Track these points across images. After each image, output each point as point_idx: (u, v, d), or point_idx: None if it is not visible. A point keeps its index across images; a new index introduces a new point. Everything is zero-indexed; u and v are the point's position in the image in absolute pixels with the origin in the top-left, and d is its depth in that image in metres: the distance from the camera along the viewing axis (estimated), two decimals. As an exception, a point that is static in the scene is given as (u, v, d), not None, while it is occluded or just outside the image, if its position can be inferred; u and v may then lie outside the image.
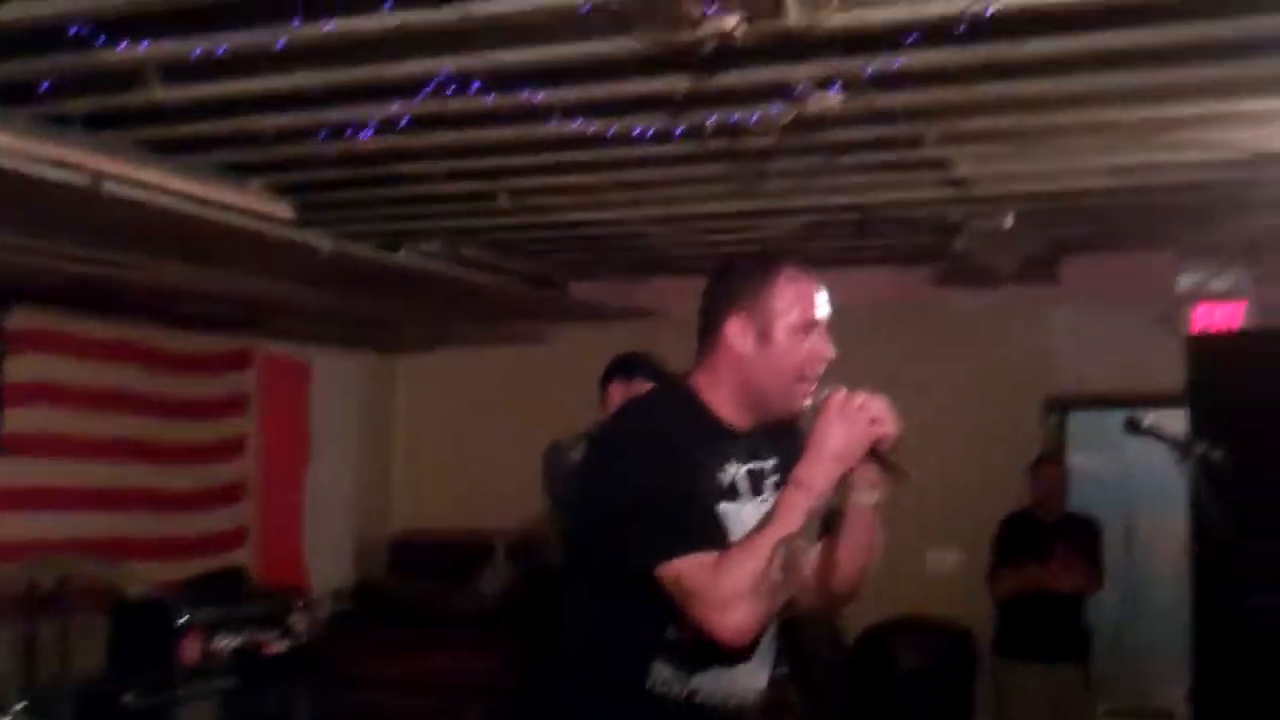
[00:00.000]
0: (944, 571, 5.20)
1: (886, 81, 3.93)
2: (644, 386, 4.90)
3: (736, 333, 2.71)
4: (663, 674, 2.61)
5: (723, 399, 2.75)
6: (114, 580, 5.87)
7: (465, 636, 6.66)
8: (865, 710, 7.03)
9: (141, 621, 5.14)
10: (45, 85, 3.81)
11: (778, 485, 2.72)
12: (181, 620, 5.01)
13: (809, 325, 2.74)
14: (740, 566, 2.43)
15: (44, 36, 3.46)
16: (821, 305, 2.77)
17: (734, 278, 2.79)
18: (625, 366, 5.01)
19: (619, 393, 4.97)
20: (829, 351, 2.77)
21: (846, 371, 6.24)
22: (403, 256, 6.08)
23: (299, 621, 5.50)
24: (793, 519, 2.48)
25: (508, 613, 7.49)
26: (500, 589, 7.83)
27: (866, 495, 2.73)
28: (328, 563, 8.26)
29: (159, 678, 4.82)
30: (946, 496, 7.11)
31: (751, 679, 2.74)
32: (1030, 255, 6.26)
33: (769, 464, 2.78)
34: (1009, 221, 5.71)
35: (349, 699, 7.16)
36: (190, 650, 5.00)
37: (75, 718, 4.83)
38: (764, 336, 2.71)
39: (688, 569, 2.45)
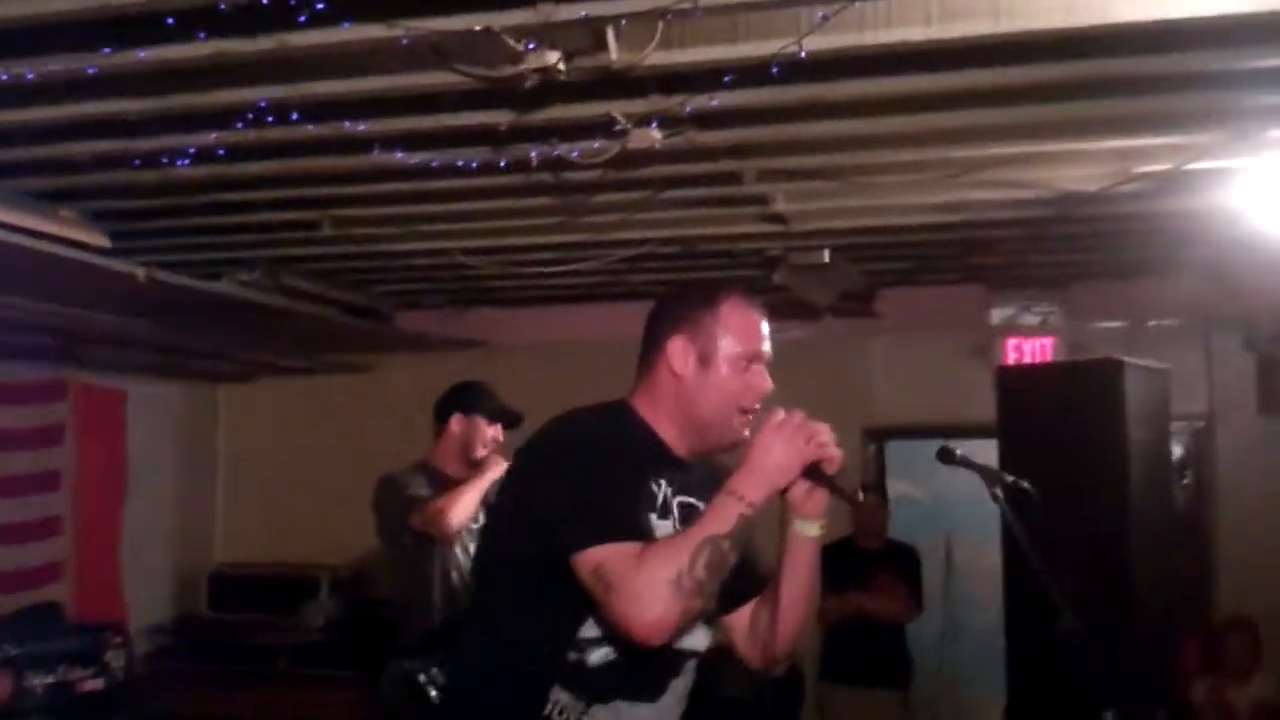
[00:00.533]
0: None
1: (706, 119, 4.02)
2: (482, 423, 4.88)
3: (677, 352, 2.67)
4: (561, 700, 2.54)
5: (661, 420, 2.71)
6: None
7: (288, 671, 6.54)
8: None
9: (-52, 660, 4.97)
10: None
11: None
12: (-10, 658, 4.86)
13: (750, 357, 2.69)
14: (663, 560, 2.38)
15: None
16: (764, 339, 2.73)
17: (680, 301, 2.75)
18: (465, 398, 4.94)
19: (459, 425, 4.91)
20: (768, 386, 2.71)
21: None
22: (223, 285, 5.99)
23: (115, 658, 5.36)
24: (720, 522, 2.44)
25: (333, 646, 7.41)
26: (325, 622, 7.72)
27: (809, 527, 2.68)
28: (147, 597, 8.05)
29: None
30: (768, 524, 7.21)
31: None
32: (848, 289, 6.42)
33: (700, 505, 2.67)
34: (826, 256, 5.85)
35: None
36: (1, 688, 4.84)
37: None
38: (705, 361, 2.67)
39: (610, 557, 2.39)
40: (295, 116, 3.86)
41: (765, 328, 2.73)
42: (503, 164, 4.37)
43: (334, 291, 6.84)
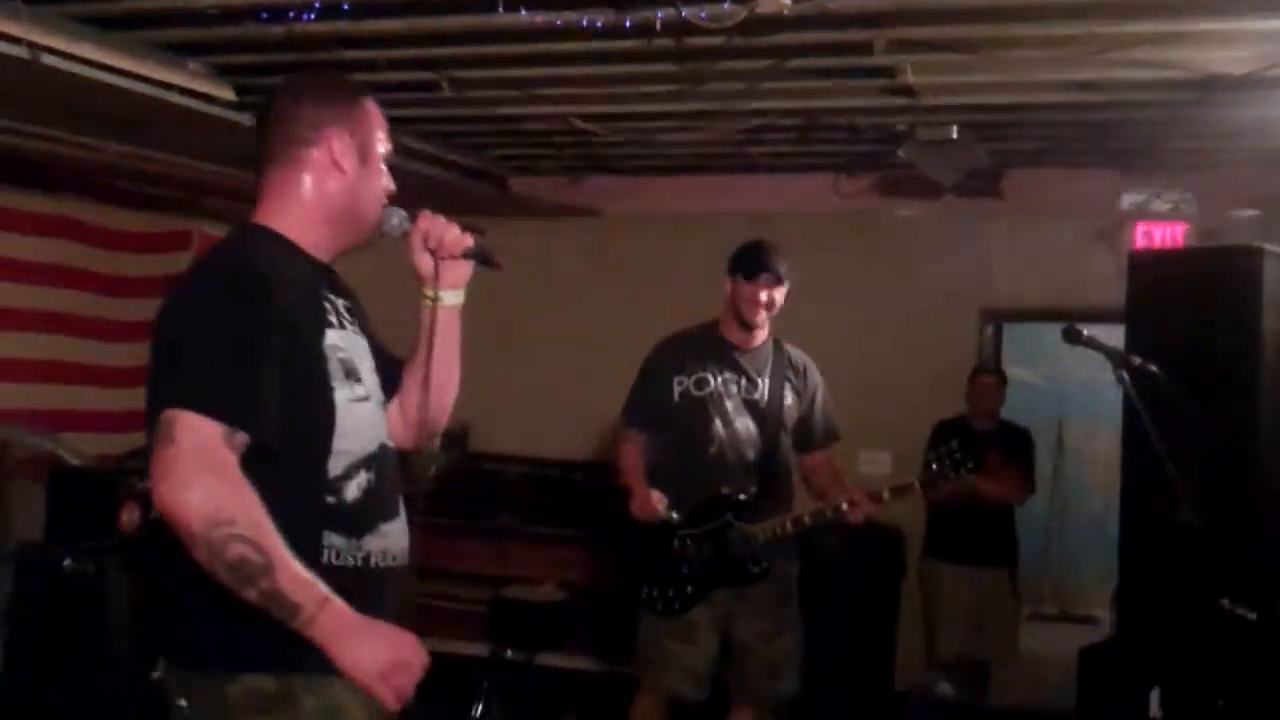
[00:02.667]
0: (876, 473, 5.28)
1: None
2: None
3: (342, 150, 2.64)
4: (335, 544, 2.49)
5: (305, 226, 2.67)
6: (53, 449, 5.87)
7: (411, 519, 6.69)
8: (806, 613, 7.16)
9: (80, 490, 5.15)
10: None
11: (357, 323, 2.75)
12: (119, 490, 5.01)
13: (386, 155, 2.75)
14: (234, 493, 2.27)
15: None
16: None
17: (322, 95, 2.70)
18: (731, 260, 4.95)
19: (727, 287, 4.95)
20: (391, 184, 2.79)
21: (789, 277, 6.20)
22: (342, 143, 6.01)
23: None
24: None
25: (440, 495, 7.53)
26: (434, 473, 7.84)
27: (452, 295, 2.92)
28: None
29: (96, 545, 4.83)
30: (880, 401, 7.21)
31: (405, 535, 2.69)
32: (973, 167, 6.29)
33: (343, 302, 2.73)
34: (954, 133, 5.73)
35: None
36: (128, 519, 5.00)
37: (14, 580, 4.86)
38: (364, 156, 2.68)
39: (191, 427, 2.28)
40: (421, -28, 3.83)
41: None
42: (626, 25, 4.30)
43: (450, 154, 6.85)
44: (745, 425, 4.95)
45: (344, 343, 2.62)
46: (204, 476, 2.27)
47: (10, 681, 4.78)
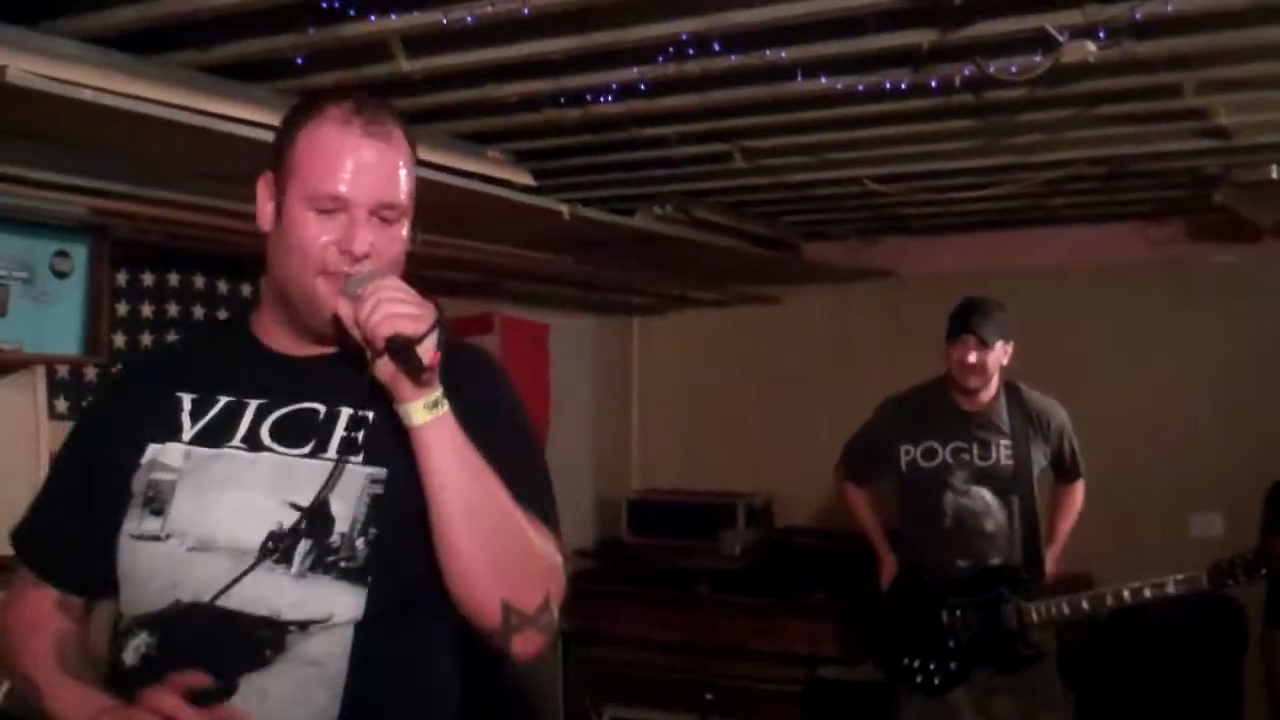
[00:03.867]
0: (1210, 536, 4.99)
1: (1144, 29, 3.75)
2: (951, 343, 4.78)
3: (261, 198, 2.04)
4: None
5: (265, 305, 2.12)
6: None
7: (709, 596, 6.69)
8: (1120, 682, 6.81)
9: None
10: (299, 60, 3.90)
11: (353, 442, 2.01)
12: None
13: (325, 198, 1.95)
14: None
15: (292, 10, 3.54)
16: (357, 170, 1.96)
17: (282, 122, 2.07)
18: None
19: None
20: (356, 241, 1.96)
21: (1092, 333, 6.01)
22: (638, 219, 6.09)
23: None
24: None
25: (749, 574, 7.51)
26: (741, 550, 7.84)
27: (420, 412, 1.93)
28: (569, 521, 8.34)
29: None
30: (1208, 461, 6.86)
31: None
32: (1295, 208, 5.95)
33: (347, 411, 2.03)
34: (1273, 173, 5.42)
35: (592, 656, 7.28)
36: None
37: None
38: (282, 209, 1.99)
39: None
40: (716, 47, 3.82)
41: (361, 156, 1.96)
42: (931, 84, 4.20)
43: (743, 223, 6.86)
44: (981, 496, 4.75)
45: (176, 461, 1.99)
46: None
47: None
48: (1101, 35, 3.71)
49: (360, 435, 2.00)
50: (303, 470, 1.97)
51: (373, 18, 3.57)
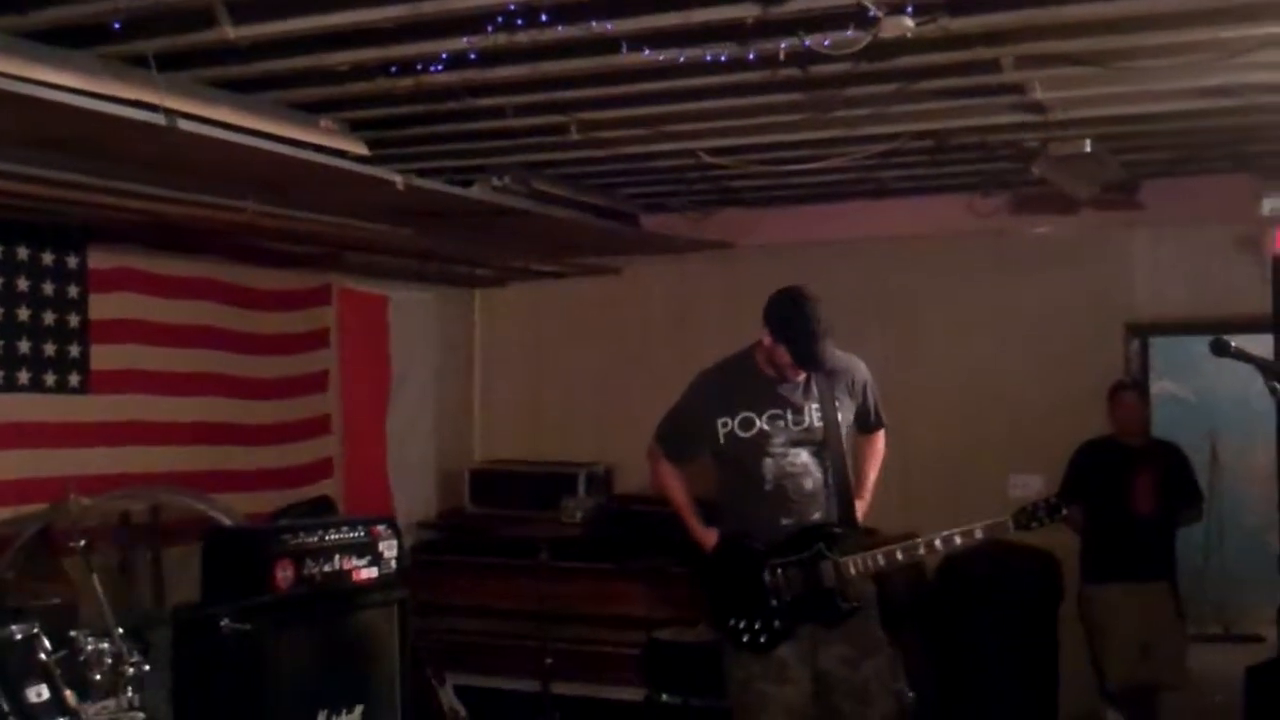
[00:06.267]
0: (1028, 496, 5.20)
1: (960, 5, 3.87)
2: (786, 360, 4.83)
3: None
4: None
5: None
6: (205, 510, 5.99)
7: (549, 564, 6.75)
8: (952, 638, 7.04)
9: (234, 550, 5.22)
10: (117, 25, 3.84)
11: None
12: (273, 548, 5.09)
13: None
14: None
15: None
16: None
17: None
18: (778, 322, 4.79)
19: (769, 342, 4.84)
20: None
21: (921, 302, 6.21)
22: (476, 190, 6.10)
23: (388, 549, 5.55)
24: None
25: (589, 541, 7.58)
26: (582, 518, 7.90)
27: None
28: (411, 493, 8.37)
29: (252, 604, 4.90)
30: (1028, 424, 7.13)
31: None
32: (1109, 181, 6.17)
33: None
34: (1087, 146, 5.62)
35: (434, 625, 7.30)
36: (283, 577, 5.07)
37: (174, 642, 4.94)
38: None
39: None
40: (544, 18, 3.86)
41: None
42: (750, 58, 4.28)
43: (582, 195, 6.90)
44: (799, 457, 4.89)
45: None
46: None
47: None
48: (910, 10, 3.81)
49: None
50: None
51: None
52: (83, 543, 4.72)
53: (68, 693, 4.29)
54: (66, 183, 4.89)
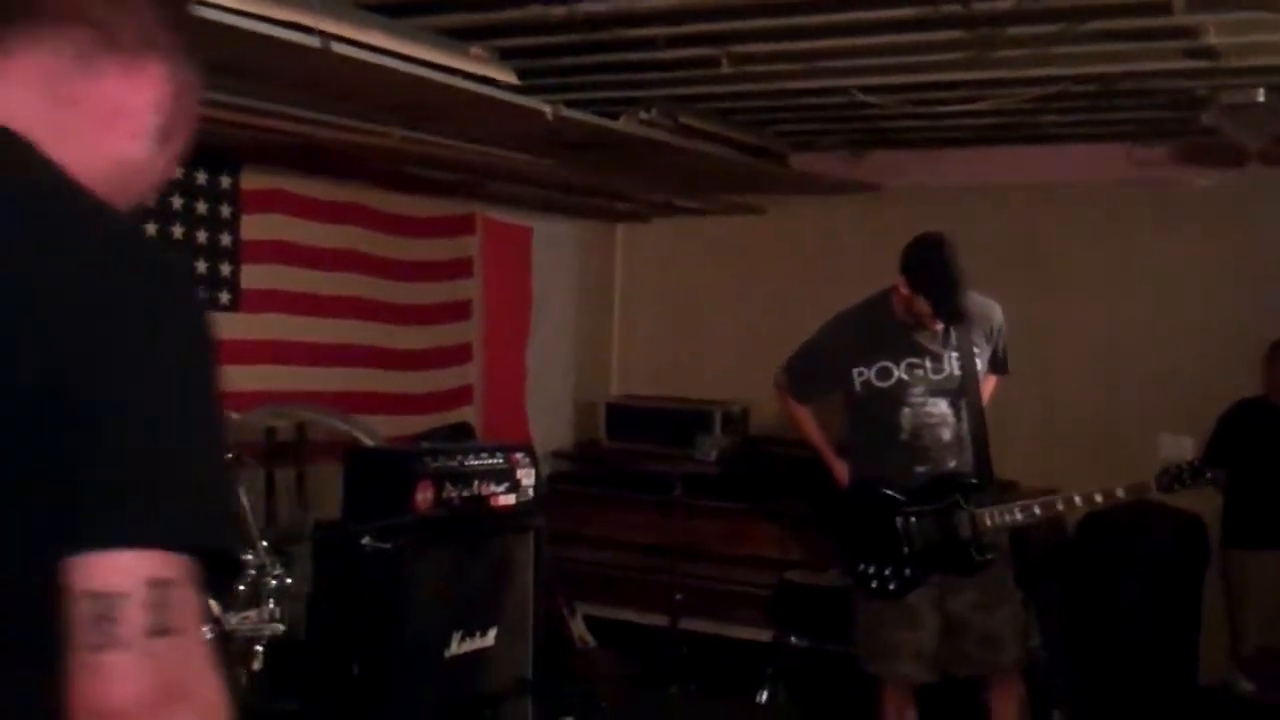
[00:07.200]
0: (1178, 458, 5.06)
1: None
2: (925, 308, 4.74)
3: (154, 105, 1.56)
4: None
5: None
6: (349, 431, 6.08)
7: (682, 500, 6.76)
8: (1089, 596, 6.90)
9: (376, 470, 5.29)
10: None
11: None
12: (415, 469, 5.14)
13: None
14: None
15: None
16: None
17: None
18: (914, 269, 4.75)
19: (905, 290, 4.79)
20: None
21: (1073, 253, 6.08)
22: (622, 124, 6.05)
23: (525, 477, 5.58)
24: None
25: (724, 480, 7.57)
26: (717, 456, 7.89)
27: None
28: (547, 424, 8.43)
29: (393, 523, 4.96)
30: (1182, 383, 6.93)
31: None
32: (1280, 132, 5.93)
33: None
34: (1260, 96, 5.40)
35: (567, 555, 7.36)
36: (423, 499, 5.12)
37: (314, 558, 5.03)
38: (167, 132, 1.59)
39: None
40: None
41: None
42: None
43: (730, 131, 6.82)
44: (937, 407, 4.81)
45: None
46: None
47: (315, 655, 4.96)
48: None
49: None
50: None
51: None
52: (229, 457, 4.81)
53: (211, 602, 4.39)
54: (221, 103, 4.94)
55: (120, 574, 1.23)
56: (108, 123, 1.51)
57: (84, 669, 1.22)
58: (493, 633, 5.28)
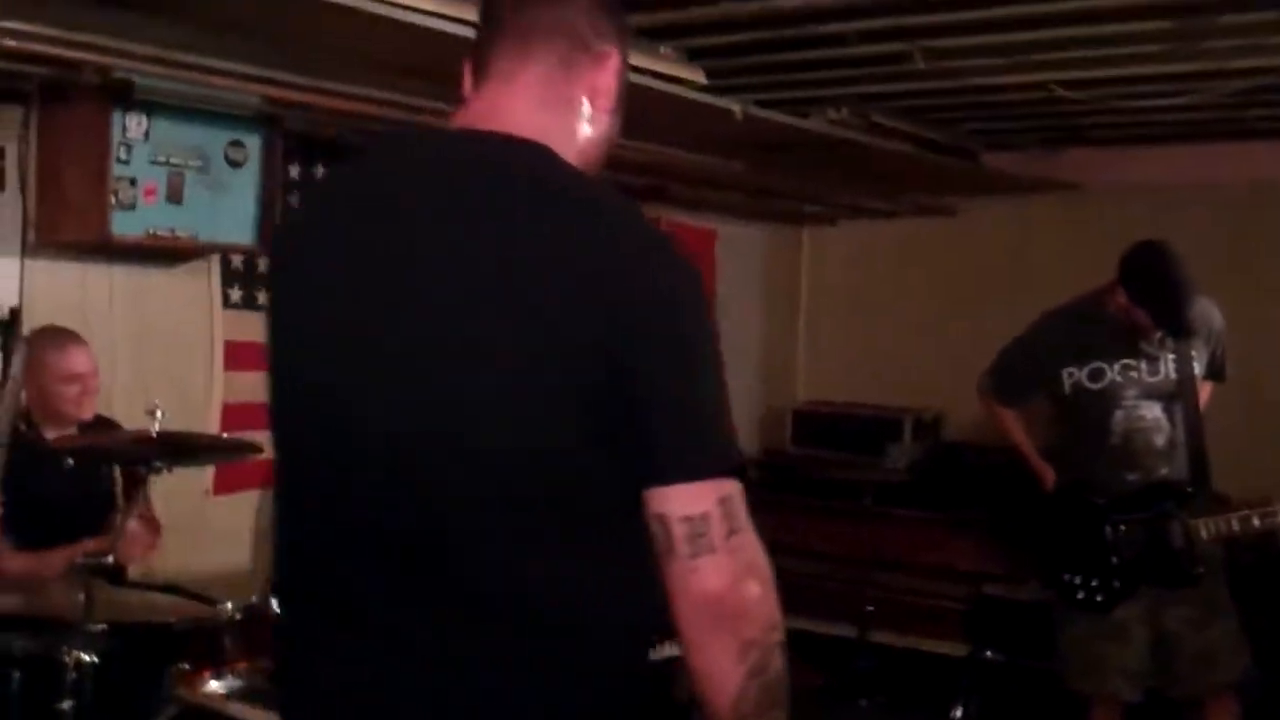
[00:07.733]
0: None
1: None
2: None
3: (611, 85, 2.02)
4: None
5: None
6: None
7: (874, 509, 6.63)
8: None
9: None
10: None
11: None
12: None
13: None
14: None
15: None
16: None
17: None
18: (1135, 282, 4.57)
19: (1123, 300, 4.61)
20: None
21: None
22: (811, 122, 5.96)
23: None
24: None
25: (915, 488, 7.42)
26: (908, 464, 7.74)
27: None
28: (736, 430, 8.35)
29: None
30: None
31: None
32: None
33: None
34: None
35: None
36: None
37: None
38: (619, 103, 2.06)
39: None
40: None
41: None
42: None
43: (921, 129, 6.68)
44: (1151, 411, 4.59)
45: None
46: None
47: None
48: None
49: None
50: None
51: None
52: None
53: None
54: (419, 108, 4.97)
55: (703, 500, 1.70)
56: (591, 107, 1.96)
57: (688, 572, 1.69)
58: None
